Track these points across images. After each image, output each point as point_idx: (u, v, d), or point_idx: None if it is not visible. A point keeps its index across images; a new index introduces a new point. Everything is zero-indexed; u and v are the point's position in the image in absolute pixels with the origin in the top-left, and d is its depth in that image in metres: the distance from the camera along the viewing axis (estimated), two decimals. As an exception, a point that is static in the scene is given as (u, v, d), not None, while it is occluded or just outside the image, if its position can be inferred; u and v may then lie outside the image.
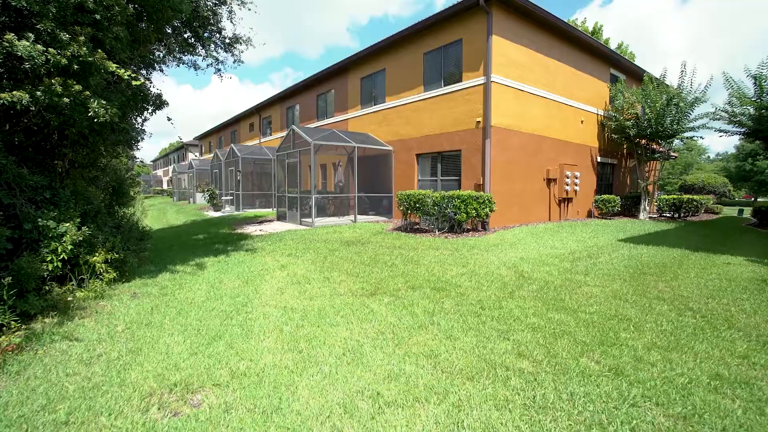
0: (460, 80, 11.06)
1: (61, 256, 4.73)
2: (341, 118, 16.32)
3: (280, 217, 14.19)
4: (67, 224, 4.82)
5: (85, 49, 4.48)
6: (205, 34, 8.73)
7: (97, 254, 5.48)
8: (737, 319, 4.07)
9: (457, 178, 11.44)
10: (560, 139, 12.88)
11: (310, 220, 11.95)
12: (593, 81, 14.30)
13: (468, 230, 9.98)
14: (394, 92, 13.43)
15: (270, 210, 18.43)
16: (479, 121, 10.46)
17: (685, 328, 3.82)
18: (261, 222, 13.76)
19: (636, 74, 16.45)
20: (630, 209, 15.25)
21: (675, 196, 14.93)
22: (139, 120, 8.79)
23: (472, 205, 9.18)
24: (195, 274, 6.39)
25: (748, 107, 11.60)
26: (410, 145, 12.83)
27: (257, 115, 25.10)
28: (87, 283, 5.27)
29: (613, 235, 9.75)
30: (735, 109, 12.17)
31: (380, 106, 14.08)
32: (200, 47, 8.89)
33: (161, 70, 9.07)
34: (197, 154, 42.78)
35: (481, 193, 9.53)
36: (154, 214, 21.91)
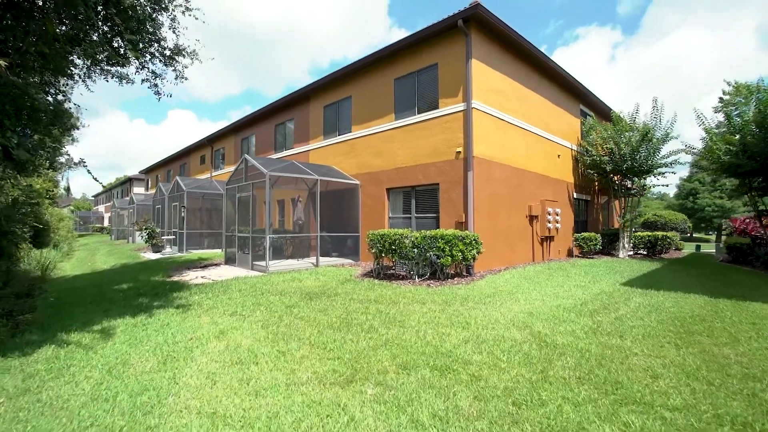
0: (436, 107, 10.03)
1: None
2: (302, 150, 14.87)
3: (229, 260, 12.20)
4: None
5: None
6: (141, 44, 7.11)
7: None
8: None
9: (434, 215, 10.15)
10: (540, 173, 12.09)
11: (263, 264, 10.12)
12: (566, 115, 13.90)
13: (452, 276, 8.57)
14: (361, 121, 12.23)
15: (219, 251, 16.27)
16: (460, 152, 9.36)
17: (844, 443, 2.52)
18: (205, 266, 11.71)
19: (603, 111, 16.42)
20: (606, 247, 14.60)
21: (649, 234, 14.45)
22: (48, 140, 6.98)
23: (458, 247, 7.84)
24: (92, 347, 4.49)
25: (726, 145, 11.40)
26: (380, 178, 11.52)
27: (209, 147, 23.19)
28: None
29: (610, 278, 8.70)
30: (711, 145, 11.98)
31: (346, 135, 12.80)
32: (133, 58, 7.27)
33: (84, 83, 7.31)
34: (143, 188, 39.51)
35: (467, 232, 8.24)
36: (82, 255, 18.99)
